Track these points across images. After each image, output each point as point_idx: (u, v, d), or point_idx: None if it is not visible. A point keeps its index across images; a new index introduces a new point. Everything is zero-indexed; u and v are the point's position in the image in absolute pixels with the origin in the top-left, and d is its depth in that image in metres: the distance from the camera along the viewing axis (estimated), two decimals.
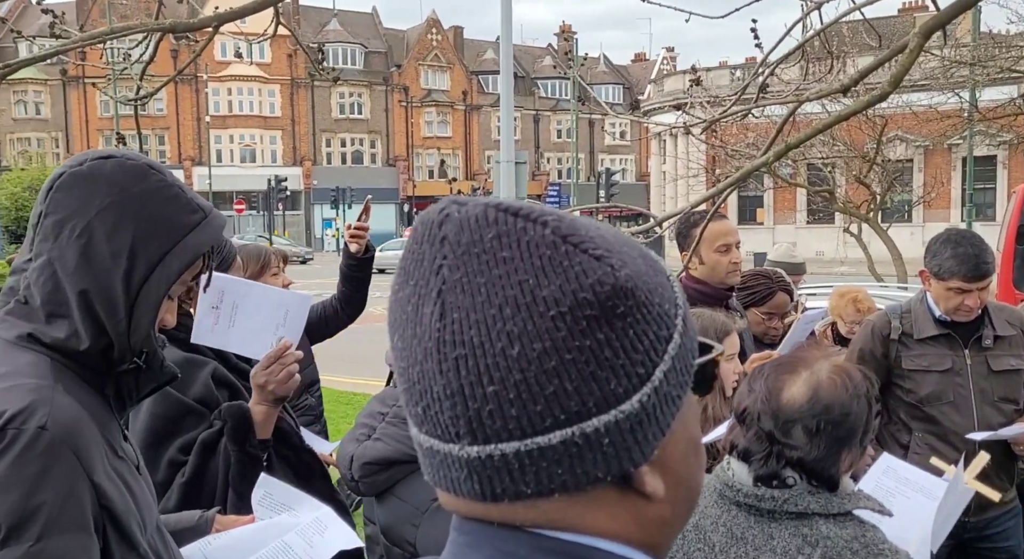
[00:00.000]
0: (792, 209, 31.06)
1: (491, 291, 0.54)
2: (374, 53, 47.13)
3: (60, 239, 1.15)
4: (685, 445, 0.61)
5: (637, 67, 58.31)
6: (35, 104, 41.95)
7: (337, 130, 45.94)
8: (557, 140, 53.28)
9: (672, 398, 0.57)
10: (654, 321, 0.56)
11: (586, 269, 0.54)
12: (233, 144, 43.04)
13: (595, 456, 0.55)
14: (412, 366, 0.56)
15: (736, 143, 16.62)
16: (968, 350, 2.85)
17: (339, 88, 45.02)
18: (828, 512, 1.37)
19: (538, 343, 0.53)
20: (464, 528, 0.59)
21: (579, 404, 0.54)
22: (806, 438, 1.38)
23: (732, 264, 2.96)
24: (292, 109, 44.30)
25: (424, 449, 0.58)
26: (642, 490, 0.57)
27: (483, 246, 0.55)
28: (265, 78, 42.78)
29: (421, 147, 48.15)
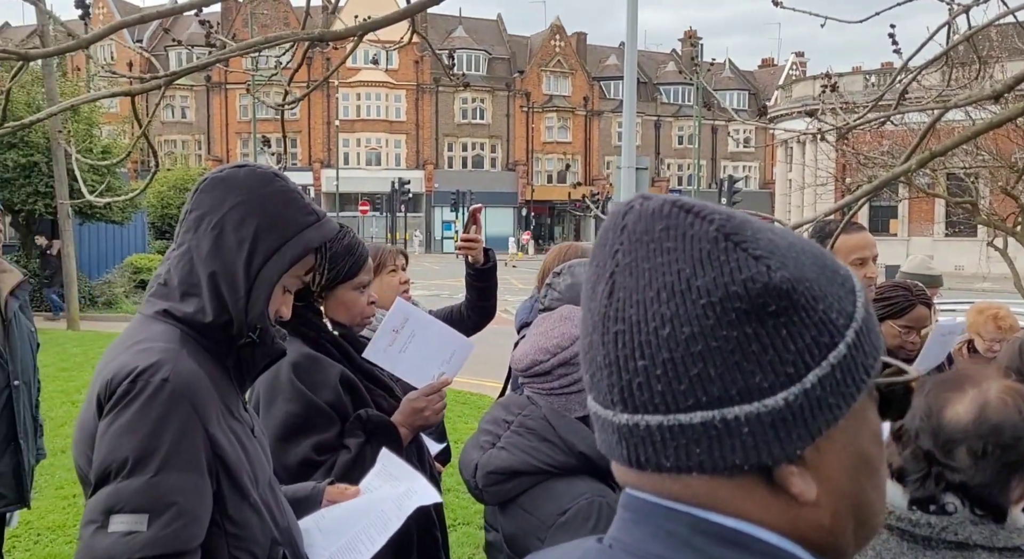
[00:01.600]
0: (930, 221, 29.27)
1: (653, 276, 0.58)
2: (498, 59, 47.93)
3: (199, 231, 1.38)
4: (851, 458, 0.61)
5: (764, 73, 56.56)
6: (181, 108, 45.15)
7: (459, 134, 46.98)
8: (678, 146, 52.43)
9: (828, 405, 0.58)
10: (813, 326, 0.58)
11: (741, 266, 0.57)
12: (360, 147, 44.77)
13: (733, 443, 0.57)
14: (586, 337, 0.62)
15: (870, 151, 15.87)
16: None
17: (462, 93, 46.00)
18: (993, 545, 1.28)
19: (687, 327, 0.56)
20: (629, 505, 0.63)
21: (721, 390, 0.56)
22: (971, 461, 1.29)
23: (867, 279, 2.85)
24: (416, 114, 45.65)
25: (592, 413, 0.64)
26: (788, 489, 0.58)
27: (653, 236, 0.59)
28: (392, 84, 44.34)
29: (541, 152, 48.51)
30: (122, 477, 1.23)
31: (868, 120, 2.63)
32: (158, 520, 1.22)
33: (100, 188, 3.85)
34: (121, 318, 14.90)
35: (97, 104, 15.44)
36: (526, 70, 48.08)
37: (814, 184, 20.66)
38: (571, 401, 1.63)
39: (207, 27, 2.88)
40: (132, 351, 1.31)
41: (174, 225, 10.19)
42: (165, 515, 1.22)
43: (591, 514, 1.53)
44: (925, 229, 30.03)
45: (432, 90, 45.49)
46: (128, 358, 1.30)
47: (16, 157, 14.16)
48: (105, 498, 1.23)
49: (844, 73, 29.29)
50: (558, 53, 48.67)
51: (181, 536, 1.24)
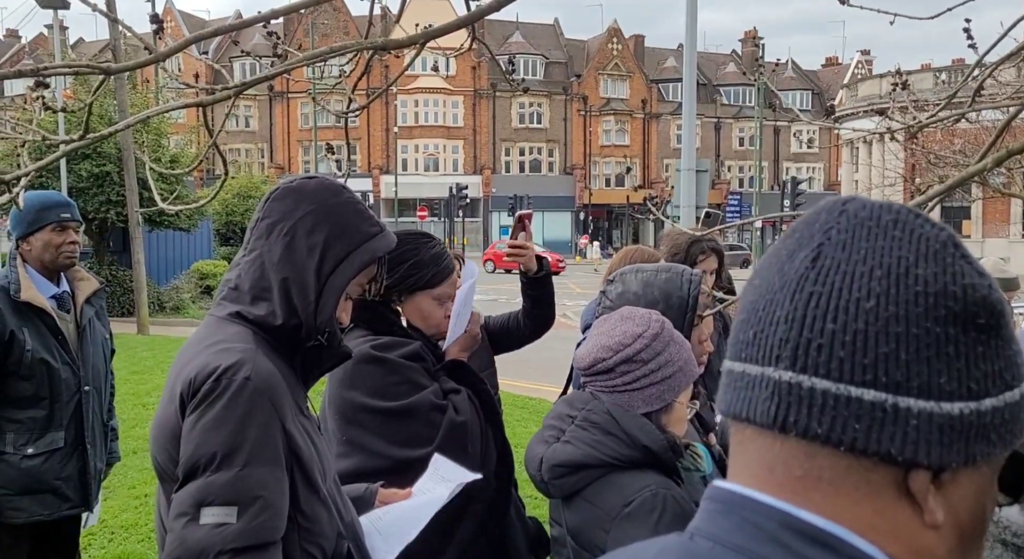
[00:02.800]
0: (1005, 221, 28.15)
1: (869, 254, 0.58)
2: (555, 63, 47.95)
3: (271, 238, 1.43)
4: (977, 506, 0.60)
5: (827, 72, 55.23)
6: (245, 117, 46.35)
7: (516, 139, 47.15)
8: (739, 148, 51.60)
9: (989, 439, 0.58)
10: (1004, 358, 0.59)
11: (965, 273, 0.58)
12: (418, 154, 45.33)
13: (895, 431, 0.56)
14: (762, 297, 0.61)
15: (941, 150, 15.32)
16: None
17: (519, 98, 46.16)
18: None
19: (894, 307, 0.56)
20: (717, 496, 0.63)
21: (904, 377, 0.56)
22: None
23: None
24: (474, 119, 45.99)
25: (732, 376, 0.63)
26: (923, 503, 0.57)
27: (878, 222, 0.59)
28: (450, 90, 44.78)
29: (598, 155, 48.34)
30: (211, 471, 1.27)
31: (940, 118, 2.58)
32: (247, 512, 1.27)
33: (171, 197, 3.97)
34: (188, 323, 15.35)
35: (166, 115, 15.93)
36: (583, 74, 47.97)
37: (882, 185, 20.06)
38: (633, 398, 1.65)
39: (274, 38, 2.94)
40: (212, 350, 1.36)
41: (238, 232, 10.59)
42: (253, 507, 1.27)
43: (656, 505, 1.54)
44: (1000, 230, 28.87)
45: (489, 95, 45.76)
46: (209, 357, 1.34)
47: (90, 167, 14.67)
48: (195, 491, 1.28)
49: (913, 70, 28.39)
50: (615, 56, 48.43)
51: (267, 527, 1.29)
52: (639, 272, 2.04)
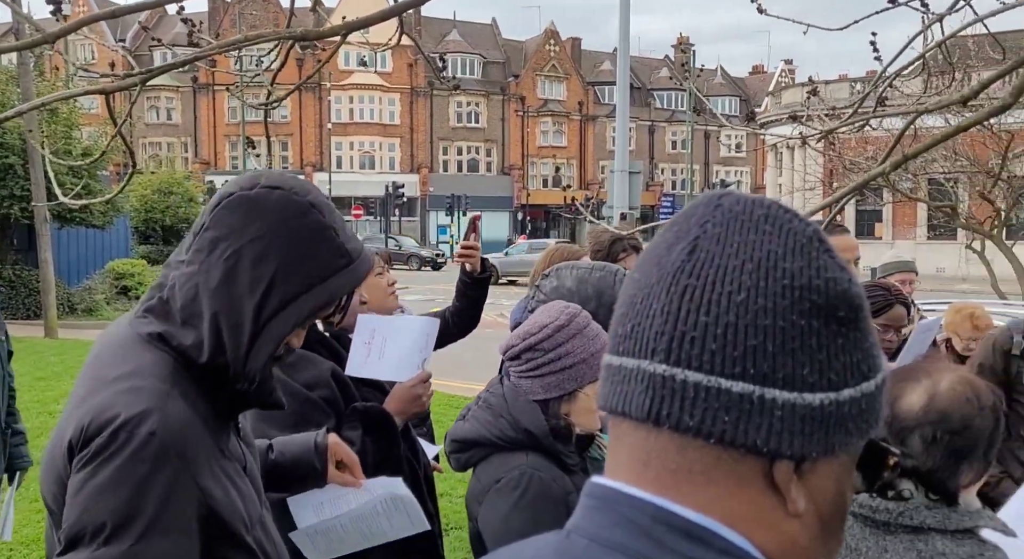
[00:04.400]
0: (912, 224, 29.51)
1: (742, 247, 0.59)
2: (492, 63, 48.06)
3: (212, 255, 1.18)
4: (837, 495, 0.63)
5: (754, 79, 56.83)
6: (167, 110, 44.60)
7: (454, 138, 47.03)
8: (672, 151, 52.65)
9: (847, 428, 0.60)
10: (861, 350, 0.61)
11: (828, 267, 0.60)
12: (353, 151, 44.64)
13: (761, 423, 0.57)
14: (640, 290, 0.62)
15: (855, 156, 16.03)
16: None
17: (457, 97, 45.91)
18: (945, 528, 1.33)
19: (762, 300, 0.58)
20: (593, 492, 0.63)
21: (770, 369, 0.57)
22: (922, 447, 1.35)
23: None
24: (411, 117, 45.59)
25: (610, 370, 0.63)
26: (786, 493, 0.59)
27: (750, 217, 0.61)
28: (386, 87, 44.39)
29: (536, 156, 48.62)
30: (98, 544, 1.06)
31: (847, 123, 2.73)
32: None
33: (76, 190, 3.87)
34: (101, 325, 14.46)
35: (77, 105, 14.97)
36: (521, 74, 48.23)
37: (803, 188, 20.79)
38: (534, 384, 1.71)
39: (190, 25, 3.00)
40: (116, 389, 1.13)
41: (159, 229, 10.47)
42: None
43: (521, 484, 1.63)
44: (908, 232, 30.26)
45: (426, 93, 45.59)
46: (111, 399, 1.12)
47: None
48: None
49: (831, 80, 29.50)
50: (553, 58, 48.85)
51: None
52: (574, 269, 2.11)
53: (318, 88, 42.66)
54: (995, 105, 2.05)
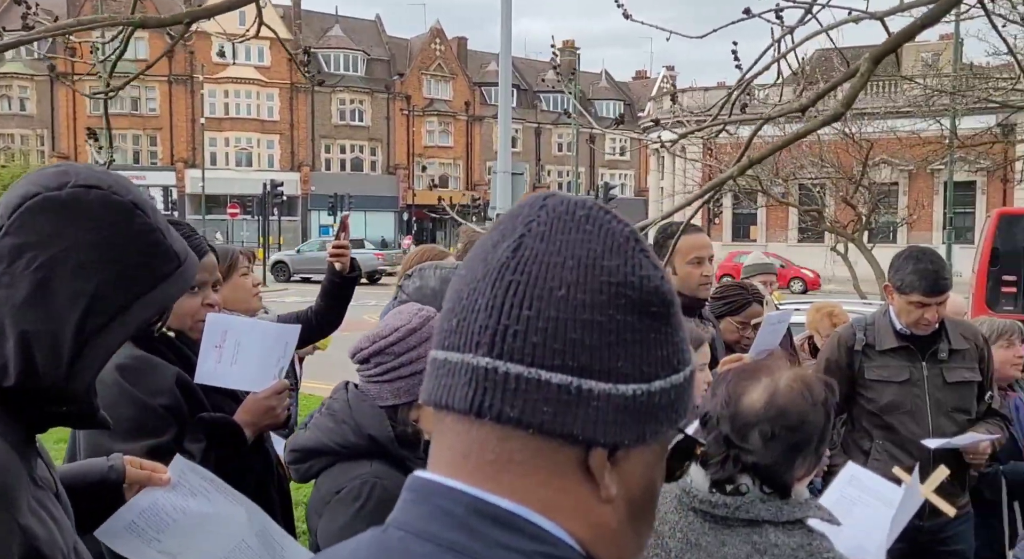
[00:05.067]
0: (784, 228, 31.09)
1: (564, 246, 0.62)
2: (377, 61, 47.21)
3: (15, 266, 1.02)
4: (648, 481, 0.65)
5: (638, 84, 58.48)
6: (20, 100, 41.36)
7: (337, 136, 45.93)
8: (558, 153, 53.36)
9: (657, 418, 0.63)
10: (672, 344, 0.64)
11: (643, 265, 0.63)
12: (229, 147, 42.85)
13: (578, 413, 0.60)
14: (466, 286, 0.63)
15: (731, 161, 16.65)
16: (925, 362, 2.98)
17: (339, 94, 45.00)
18: (778, 520, 1.39)
19: (582, 295, 0.60)
20: (413, 486, 0.64)
21: (588, 361, 0.60)
22: (761, 443, 1.40)
23: (703, 277, 3.03)
24: (291, 114, 44.21)
25: (435, 365, 0.64)
26: (599, 480, 0.61)
27: (573, 216, 0.63)
28: (263, 81, 42.80)
29: (422, 156, 48.16)
30: None
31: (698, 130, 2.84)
32: None
33: None
34: None
35: None
36: (406, 73, 47.61)
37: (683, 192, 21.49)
38: (383, 389, 1.67)
39: (24, 7, 2.62)
40: None
41: None
42: None
43: (360, 494, 1.57)
44: (780, 236, 31.87)
45: (307, 89, 44.20)
46: None
47: None
48: None
49: (709, 87, 30.64)
50: (439, 57, 48.50)
51: None
52: (438, 269, 2.09)
53: (190, 81, 40.65)
54: (827, 114, 2.15)
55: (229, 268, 2.75)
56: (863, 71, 2.01)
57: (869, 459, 2.94)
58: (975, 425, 3.00)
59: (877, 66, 2.02)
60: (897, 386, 2.97)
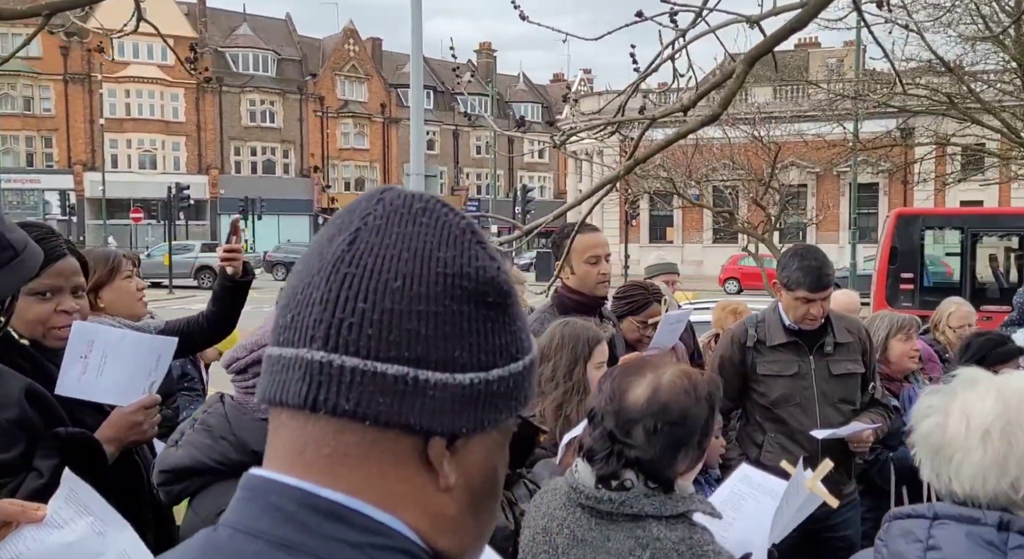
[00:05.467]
0: (699, 229, 31.77)
1: (400, 239, 0.62)
2: (288, 61, 45.96)
3: None
4: (489, 469, 0.66)
5: (555, 87, 58.91)
6: None
7: (247, 138, 44.47)
8: (476, 156, 53.18)
9: (497, 406, 0.63)
10: (509, 333, 0.64)
11: (479, 256, 0.64)
12: (131, 149, 40.89)
13: (415, 403, 0.60)
14: (301, 281, 0.63)
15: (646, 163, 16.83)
16: (812, 356, 3.09)
17: (249, 95, 43.65)
18: (661, 514, 1.41)
19: (418, 286, 0.60)
20: (246, 484, 0.63)
21: (424, 352, 0.60)
22: (644, 438, 1.41)
23: (601, 275, 3.08)
24: (198, 114, 42.55)
25: (270, 361, 0.63)
26: (438, 469, 0.61)
27: (409, 210, 0.64)
28: (167, 81, 41.01)
29: (337, 158, 47.17)
30: None
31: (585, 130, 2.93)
32: None
33: None
34: None
35: None
36: (319, 74, 46.53)
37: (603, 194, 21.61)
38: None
39: None
40: None
41: None
42: None
43: None
44: (696, 237, 32.55)
45: (215, 90, 42.68)
46: None
47: None
48: None
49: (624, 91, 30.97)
50: (353, 57, 47.59)
51: None
52: None
53: (87, 80, 38.58)
54: (706, 115, 2.20)
55: (111, 272, 2.71)
56: (738, 73, 2.07)
57: (762, 452, 3.03)
58: (859, 415, 3.11)
59: (751, 68, 2.09)
60: (787, 380, 3.06)
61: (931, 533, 1.28)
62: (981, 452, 1.26)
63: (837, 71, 15.77)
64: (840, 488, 2.86)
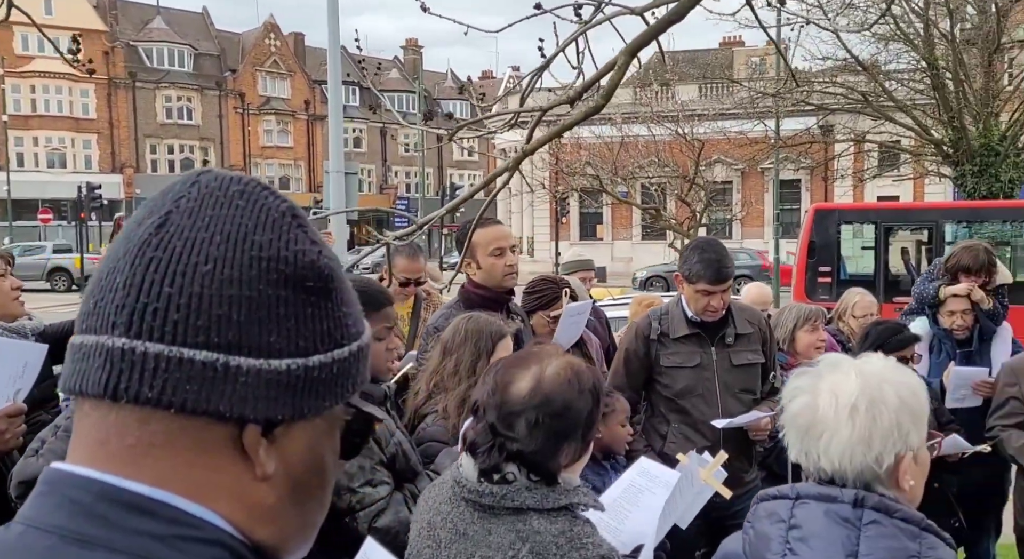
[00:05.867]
0: (629, 226, 32.04)
1: (213, 221, 0.59)
2: (205, 55, 44.41)
3: None
4: (313, 458, 0.64)
5: (485, 84, 58.73)
6: None
7: (164, 136, 42.80)
8: (405, 154, 52.51)
9: (319, 393, 0.61)
10: (333, 319, 0.62)
11: (298, 239, 0.61)
12: (38, 147, 38.85)
13: (225, 390, 0.57)
14: (106, 266, 0.60)
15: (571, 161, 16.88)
16: (714, 347, 3.14)
17: (165, 91, 42.00)
18: (542, 507, 1.40)
19: (229, 271, 0.58)
20: (45, 478, 0.60)
21: (235, 338, 0.58)
22: (526, 430, 1.40)
23: (507, 267, 3.07)
24: (110, 111, 40.72)
25: (72, 350, 0.60)
26: (254, 457, 0.59)
27: (225, 193, 0.61)
28: (76, 76, 38.99)
29: (260, 157, 45.85)
30: None
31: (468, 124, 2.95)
32: None
33: None
34: None
35: None
36: (239, 69, 45.12)
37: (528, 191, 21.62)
38: None
39: None
40: None
41: None
42: None
43: None
44: (625, 234, 32.82)
45: (128, 85, 40.91)
46: None
47: None
48: None
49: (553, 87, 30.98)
50: (274, 53, 46.31)
51: None
52: None
53: None
54: (589, 106, 2.22)
55: None
56: (620, 64, 2.09)
57: (666, 442, 3.06)
58: (760, 404, 3.16)
59: (633, 58, 2.12)
60: (689, 371, 3.11)
61: (793, 513, 1.34)
62: (850, 428, 1.31)
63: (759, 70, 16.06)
64: (742, 476, 2.96)
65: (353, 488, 1.99)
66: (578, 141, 16.47)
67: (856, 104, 14.65)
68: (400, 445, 2.15)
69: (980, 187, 14.07)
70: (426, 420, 2.47)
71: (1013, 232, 11.81)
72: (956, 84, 14.16)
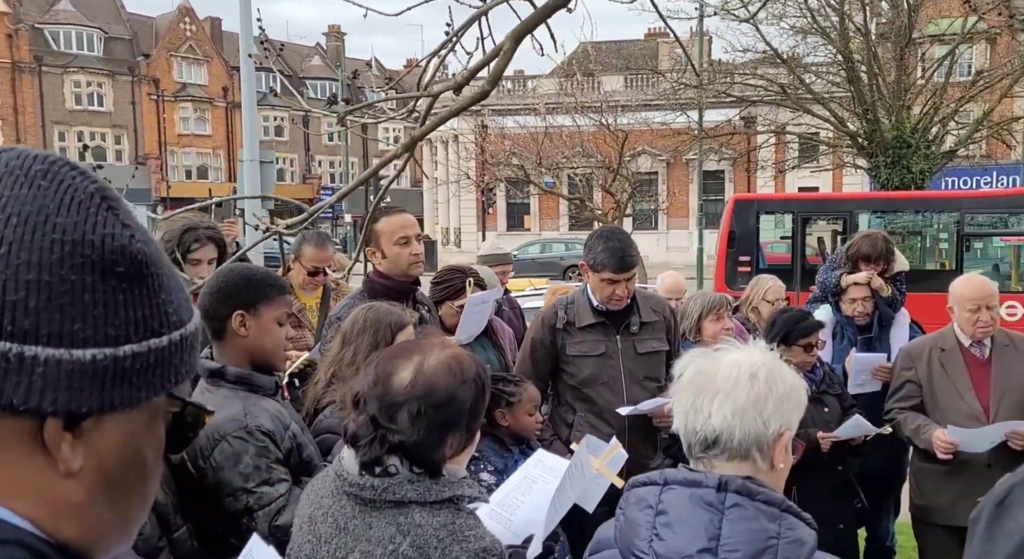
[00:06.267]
0: (556, 216, 32.07)
1: (10, 202, 0.56)
2: (116, 39, 42.38)
3: None
4: (129, 452, 0.60)
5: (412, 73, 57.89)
6: None
7: (73, 123, 40.74)
8: (329, 143, 51.34)
9: (132, 384, 0.58)
10: (149, 306, 0.59)
11: (107, 223, 0.58)
12: None
13: (19, 380, 0.54)
14: None
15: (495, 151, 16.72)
16: (619, 335, 3.13)
17: (74, 76, 39.99)
18: (425, 500, 1.38)
19: (26, 254, 0.54)
20: None
21: (33, 325, 0.54)
22: (408, 422, 1.38)
23: (413, 256, 3.04)
24: (14, 97, 38.56)
25: None
26: (55, 452, 0.56)
27: (27, 173, 0.58)
28: None
29: (176, 145, 44.12)
30: None
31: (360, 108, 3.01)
32: None
33: None
34: None
35: None
36: (152, 54, 43.25)
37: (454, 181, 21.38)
38: None
39: None
40: None
41: None
42: None
43: None
44: (553, 224, 32.85)
45: (34, 70, 38.75)
46: None
47: None
48: None
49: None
50: (190, 38, 44.54)
51: None
52: None
53: None
54: (476, 92, 2.23)
55: None
56: (506, 49, 2.09)
57: (572, 431, 3.03)
58: (664, 391, 3.12)
59: (519, 44, 2.11)
60: (595, 359, 3.10)
61: (661, 498, 1.36)
62: (747, 389, 1.34)
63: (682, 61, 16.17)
64: (647, 462, 2.98)
65: (249, 488, 1.97)
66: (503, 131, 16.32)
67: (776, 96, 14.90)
68: (295, 438, 2.12)
69: (893, 178, 14.50)
70: (324, 412, 2.43)
71: (924, 222, 12.19)
72: (870, 77, 14.55)
